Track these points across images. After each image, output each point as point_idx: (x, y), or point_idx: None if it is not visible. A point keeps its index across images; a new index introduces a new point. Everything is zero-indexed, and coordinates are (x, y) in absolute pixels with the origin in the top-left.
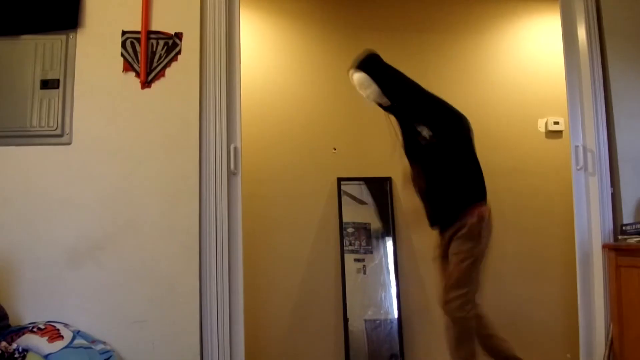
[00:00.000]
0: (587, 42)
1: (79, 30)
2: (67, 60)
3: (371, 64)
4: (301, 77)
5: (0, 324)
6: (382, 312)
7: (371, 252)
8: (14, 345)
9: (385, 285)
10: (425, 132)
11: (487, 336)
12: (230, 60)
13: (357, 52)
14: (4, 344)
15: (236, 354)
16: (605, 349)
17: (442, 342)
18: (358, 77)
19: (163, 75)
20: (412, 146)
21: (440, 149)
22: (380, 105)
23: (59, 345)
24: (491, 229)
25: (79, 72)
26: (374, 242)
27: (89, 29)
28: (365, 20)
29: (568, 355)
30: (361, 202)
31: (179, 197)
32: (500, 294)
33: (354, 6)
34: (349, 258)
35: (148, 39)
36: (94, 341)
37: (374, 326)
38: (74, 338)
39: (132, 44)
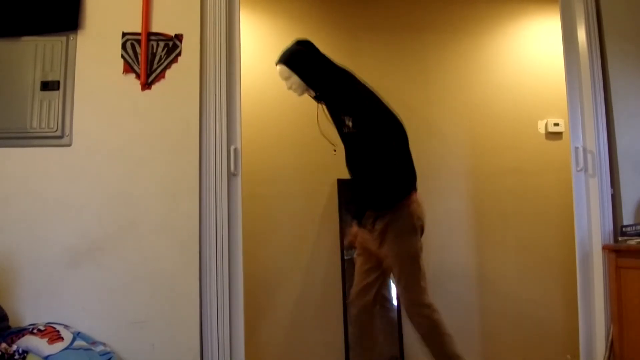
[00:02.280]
0: (587, 42)
1: (79, 32)
2: (68, 61)
3: (293, 56)
4: None
5: (0, 325)
6: None
7: None
8: (14, 347)
9: None
10: (349, 122)
11: None
12: (231, 62)
13: (356, 52)
14: (4, 345)
15: (236, 354)
16: (606, 350)
17: None
18: (278, 69)
19: (163, 76)
20: (341, 134)
21: (360, 139)
22: (311, 96)
23: (59, 346)
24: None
25: (79, 74)
26: None
27: (89, 30)
28: (365, 20)
29: (568, 356)
30: None
31: (179, 198)
32: (501, 295)
33: (354, 6)
34: (349, 259)
35: (148, 40)
36: (94, 342)
37: None
38: (74, 339)
39: (132, 45)
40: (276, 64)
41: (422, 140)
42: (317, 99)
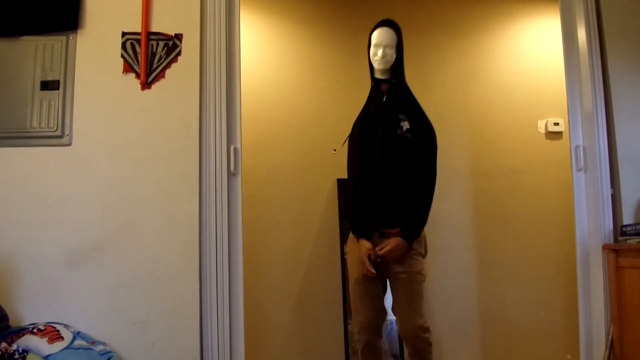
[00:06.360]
0: (587, 42)
1: (79, 32)
2: (67, 61)
3: (399, 31)
4: (301, 77)
5: (0, 324)
6: None
7: None
8: (14, 346)
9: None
10: (404, 124)
11: None
12: (230, 62)
13: (356, 52)
14: (4, 344)
15: (236, 354)
16: (606, 350)
17: (441, 343)
18: (387, 34)
19: (163, 76)
20: (387, 134)
21: (412, 147)
22: (375, 79)
23: (59, 346)
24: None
25: (79, 74)
26: None
27: (89, 30)
28: (364, 20)
29: (568, 356)
30: None
31: (179, 198)
32: (501, 295)
33: (354, 7)
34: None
35: (148, 40)
36: (93, 342)
37: None
38: (74, 339)
39: (132, 45)
40: (384, 26)
41: None
42: (390, 85)
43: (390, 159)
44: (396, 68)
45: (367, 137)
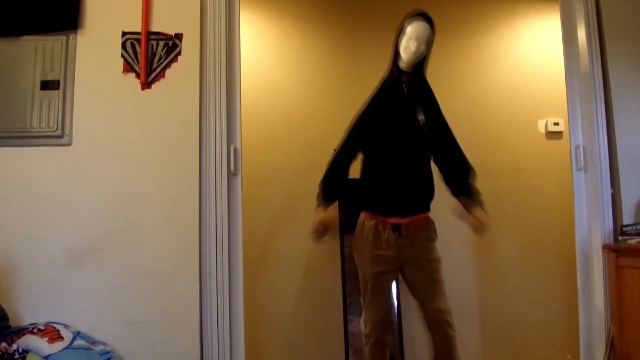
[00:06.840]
0: (587, 42)
1: (79, 31)
2: (67, 61)
3: (434, 28)
4: (301, 77)
5: (0, 324)
6: None
7: None
8: (14, 346)
9: None
10: (421, 119)
11: None
12: (230, 61)
13: (356, 52)
14: (4, 344)
15: (236, 354)
16: (606, 350)
17: None
18: (427, 29)
19: (163, 76)
20: (406, 126)
21: (427, 139)
22: (397, 68)
23: (59, 346)
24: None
25: (79, 73)
26: None
27: (89, 29)
28: (364, 20)
29: (568, 356)
30: None
31: (179, 198)
32: (501, 295)
33: (354, 7)
34: (349, 258)
35: (148, 39)
36: (94, 342)
37: None
38: (74, 339)
39: (132, 44)
40: (424, 21)
41: None
42: (411, 77)
43: (407, 149)
44: (420, 62)
45: (381, 124)
